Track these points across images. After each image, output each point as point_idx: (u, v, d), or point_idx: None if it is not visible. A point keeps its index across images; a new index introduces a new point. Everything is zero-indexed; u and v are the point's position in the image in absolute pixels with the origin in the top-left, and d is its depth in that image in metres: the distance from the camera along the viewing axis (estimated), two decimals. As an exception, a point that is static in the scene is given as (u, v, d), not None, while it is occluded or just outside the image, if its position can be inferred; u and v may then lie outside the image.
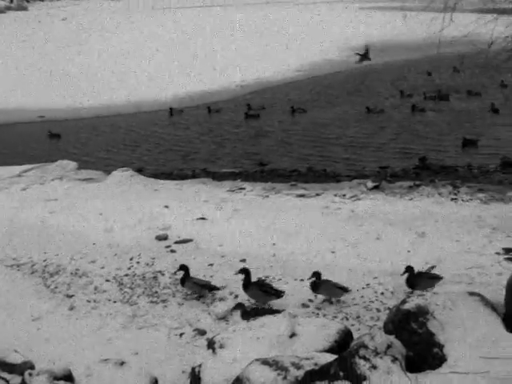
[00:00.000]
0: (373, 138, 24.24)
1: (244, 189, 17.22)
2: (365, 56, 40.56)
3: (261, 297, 10.20)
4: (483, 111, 27.96)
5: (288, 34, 58.43)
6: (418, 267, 11.37)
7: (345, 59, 44.40)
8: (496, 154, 20.66)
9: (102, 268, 12.07)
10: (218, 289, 10.73)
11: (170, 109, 29.94)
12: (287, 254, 12.38)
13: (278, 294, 10.21)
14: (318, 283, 10.19)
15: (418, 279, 10.36)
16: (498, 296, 7.86)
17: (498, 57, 10.18)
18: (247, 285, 10.26)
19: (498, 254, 12.29)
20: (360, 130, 25.64)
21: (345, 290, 10.19)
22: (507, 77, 31.03)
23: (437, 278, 10.42)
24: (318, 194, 16.51)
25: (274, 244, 12.86)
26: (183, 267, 10.87)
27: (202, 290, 10.63)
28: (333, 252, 12.37)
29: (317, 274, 10.26)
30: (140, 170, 19.73)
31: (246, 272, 10.33)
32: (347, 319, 9.62)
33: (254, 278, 10.76)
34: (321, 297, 10.35)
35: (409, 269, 10.43)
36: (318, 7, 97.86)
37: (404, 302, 7.30)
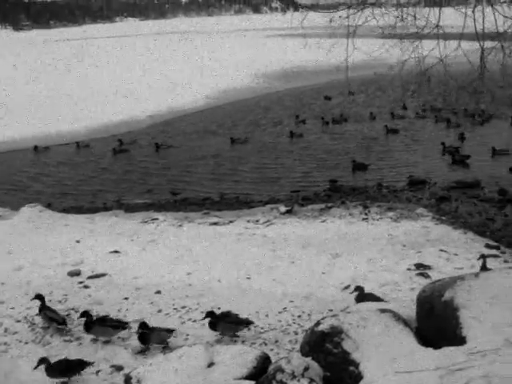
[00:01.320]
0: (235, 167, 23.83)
1: (157, 219, 17.00)
2: None
3: (105, 332, 9.95)
4: (382, 133, 28.86)
5: (200, 62, 58.91)
6: (334, 288, 11.55)
7: (255, 85, 45.02)
8: (400, 174, 21.41)
9: (12, 308, 11.56)
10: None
11: (35, 146, 27.40)
12: (203, 283, 12.26)
13: (123, 325, 10.02)
14: (215, 322, 9.90)
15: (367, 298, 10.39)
16: (411, 311, 8.03)
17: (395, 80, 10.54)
18: (89, 324, 9.94)
19: (409, 269, 12.61)
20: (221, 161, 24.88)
21: (246, 323, 10.04)
22: (407, 98, 32.21)
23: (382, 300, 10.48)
24: (231, 221, 16.50)
25: (189, 273, 12.72)
26: (38, 296, 10.62)
27: (51, 322, 10.33)
28: (248, 278, 12.36)
29: (211, 314, 9.94)
30: (49, 205, 19.12)
31: (86, 314, 10.07)
32: (266, 344, 9.58)
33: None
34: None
35: (359, 288, 10.55)
36: (228, 36, 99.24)
37: (318, 323, 7.34)
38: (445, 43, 9.22)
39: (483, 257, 11.36)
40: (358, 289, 10.61)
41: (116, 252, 14.19)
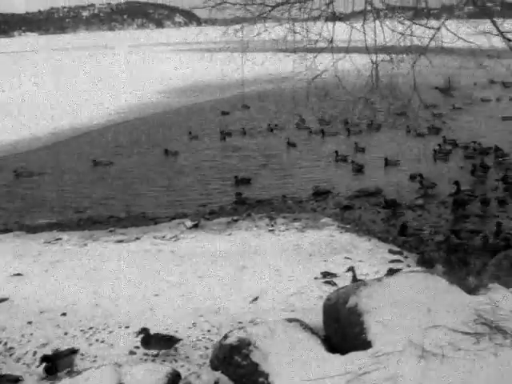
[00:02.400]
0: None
1: (61, 239, 16.52)
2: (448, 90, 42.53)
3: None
4: (282, 145, 29.32)
5: (109, 78, 57.96)
6: (242, 301, 11.59)
7: (156, 101, 44.67)
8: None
9: None
10: None
11: None
12: (111, 302, 11.98)
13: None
14: (147, 339, 9.80)
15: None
16: (319, 319, 8.15)
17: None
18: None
19: (316, 278, 12.81)
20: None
21: (175, 341, 9.92)
22: (304, 111, 32.88)
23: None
24: (137, 238, 16.27)
25: (95, 293, 12.40)
26: None
27: None
28: (157, 295, 12.19)
29: (145, 331, 9.75)
30: None
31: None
32: (176, 361, 9.46)
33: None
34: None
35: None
36: (131, 51, 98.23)
37: (226, 336, 7.33)
38: (333, 56, 9.45)
39: (351, 269, 11.58)
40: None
41: (18, 275, 13.67)
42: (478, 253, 14.60)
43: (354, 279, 11.24)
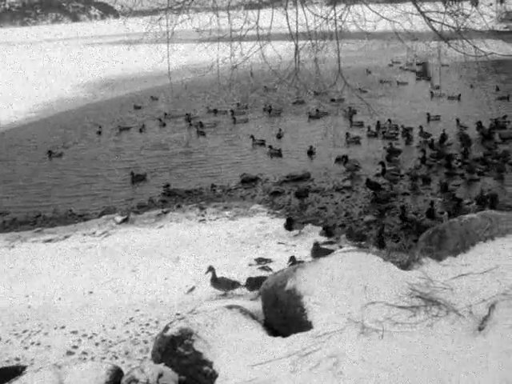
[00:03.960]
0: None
1: (-15, 243, 16.01)
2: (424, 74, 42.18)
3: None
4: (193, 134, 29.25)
5: (20, 74, 56.17)
6: (178, 292, 11.56)
7: (80, 96, 43.66)
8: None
9: None
10: None
11: None
12: (43, 303, 11.71)
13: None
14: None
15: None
16: (258, 305, 8.20)
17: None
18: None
19: (250, 265, 12.90)
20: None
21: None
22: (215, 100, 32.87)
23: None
24: (66, 237, 15.92)
25: (27, 295, 12.09)
26: None
27: None
28: (91, 292, 11.99)
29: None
30: None
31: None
32: (116, 358, 9.35)
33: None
34: (85, 342, 9.92)
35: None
36: (48, 46, 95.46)
37: (167, 328, 7.27)
38: (260, 42, 9.48)
39: (211, 269, 11.59)
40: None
41: None
42: (408, 229, 15.07)
43: (214, 279, 11.43)
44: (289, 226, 15.35)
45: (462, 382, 5.26)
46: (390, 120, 27.59)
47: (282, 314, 7.34)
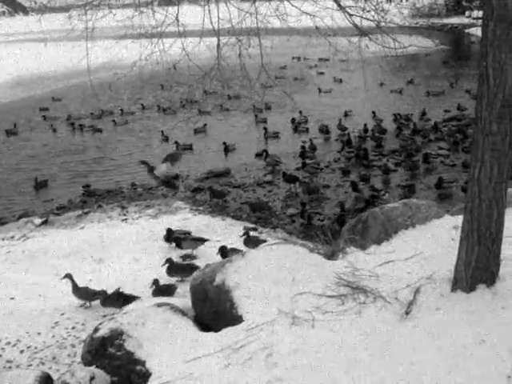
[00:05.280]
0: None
1: None
2: None
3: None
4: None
5: None
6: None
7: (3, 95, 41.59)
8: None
9: None
10: None
11: None
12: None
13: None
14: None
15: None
16: (188, 301, 8.19)
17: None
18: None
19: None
20: None
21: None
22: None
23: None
24: (-17, 242, 15.36)
25: None
26: None
27: None
28: (12, 298, 11.62)
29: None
30: None
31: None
32: (43, 364, 9.10)
33: None
34: (9, 350, 9.62)
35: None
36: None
37: (97, 329, 7.17)
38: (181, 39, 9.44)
39: (68, 276, 11.37)
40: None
41: None
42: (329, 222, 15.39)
43: (75, 286, 11.17)
44: (168, 237, 14.27)
45: (392, 366, 5.43)
46: (300, 112, 28.00)
47: (213, 309, 7.37)
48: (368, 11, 8.67)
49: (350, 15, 8.37)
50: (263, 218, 16.16)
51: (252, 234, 13.86)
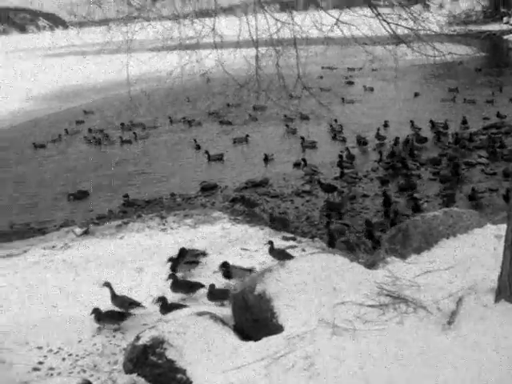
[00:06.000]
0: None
1: None
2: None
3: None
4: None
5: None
6: (145, 302, 11.46)
7: (27, 110, 42.63)
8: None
9: None
10: None
11: None
12: (6, 321, 11.44)
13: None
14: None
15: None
16: (228, 310, 8.23)
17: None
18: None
19: (215, 272, 12.89)
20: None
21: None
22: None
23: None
24: (25, 251, 15.60)
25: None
26: None
27: None
28: (54, 306, 11.76)
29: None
30: None
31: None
32: (84, 371, 9.17)
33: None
34: (51, 357, 9.75)
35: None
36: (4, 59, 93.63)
37: (138, 337, 7.24)
38: (216, 49, 9.50)
39: (107, 285, 11.49)
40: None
41: None
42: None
43: (113, 295, 11.21)
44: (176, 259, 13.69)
45: (436, 377, 5.37)
46: (335, 120, 27.90)
47: (252, 318, 7.38)
48: (405, 19, 8.62)
49: (388, 23, 8.34)
50: (301, 227, 16.13)
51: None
